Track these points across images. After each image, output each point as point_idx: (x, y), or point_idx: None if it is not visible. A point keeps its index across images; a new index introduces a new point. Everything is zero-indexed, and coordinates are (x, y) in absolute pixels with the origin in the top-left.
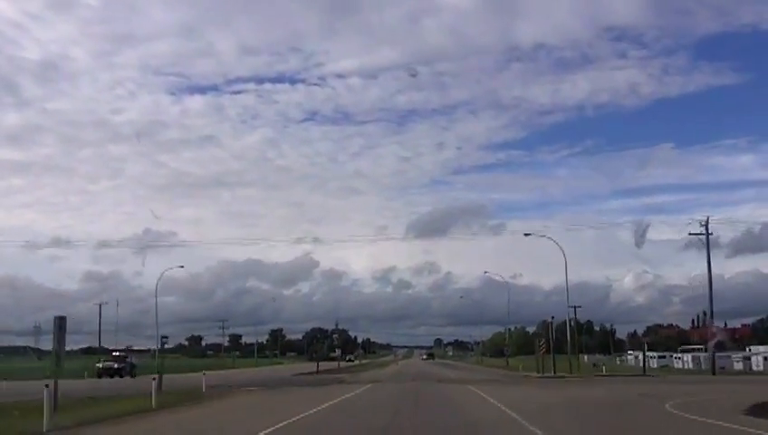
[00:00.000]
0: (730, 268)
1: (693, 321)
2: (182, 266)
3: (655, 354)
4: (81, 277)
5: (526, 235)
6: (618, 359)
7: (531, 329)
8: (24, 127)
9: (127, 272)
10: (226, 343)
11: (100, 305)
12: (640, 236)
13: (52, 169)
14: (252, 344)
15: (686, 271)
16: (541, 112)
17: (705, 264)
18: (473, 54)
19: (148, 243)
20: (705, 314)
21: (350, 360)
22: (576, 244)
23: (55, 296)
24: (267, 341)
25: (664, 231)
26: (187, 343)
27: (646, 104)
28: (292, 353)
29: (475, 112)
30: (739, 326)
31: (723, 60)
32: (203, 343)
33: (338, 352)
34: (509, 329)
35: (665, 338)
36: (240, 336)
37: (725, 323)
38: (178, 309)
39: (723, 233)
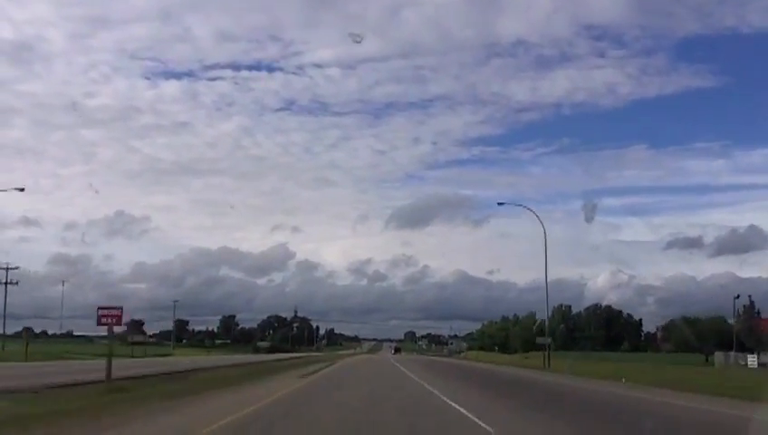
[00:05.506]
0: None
1: (735, 315)
2: None
3: None
4: (48, 260)
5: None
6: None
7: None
8: None
9: (96, 256)
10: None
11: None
12: (590, 212)
13: (23, 151)
14: (201, 332)
15: (660, 272)
16: (518, 109)
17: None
18: (452, 49)
19: (118, 227)
20: (745, 306)
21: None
22: (550, 241)
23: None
24: (218, 329)
25: (637, 232)
26: (126, 328)
27: (623, 104)
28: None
29: (453, 107)
30: None
31: (702, 62)
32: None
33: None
34: (513, 317)
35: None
36: (187, 322)
37: None
38: (148, 296)
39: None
